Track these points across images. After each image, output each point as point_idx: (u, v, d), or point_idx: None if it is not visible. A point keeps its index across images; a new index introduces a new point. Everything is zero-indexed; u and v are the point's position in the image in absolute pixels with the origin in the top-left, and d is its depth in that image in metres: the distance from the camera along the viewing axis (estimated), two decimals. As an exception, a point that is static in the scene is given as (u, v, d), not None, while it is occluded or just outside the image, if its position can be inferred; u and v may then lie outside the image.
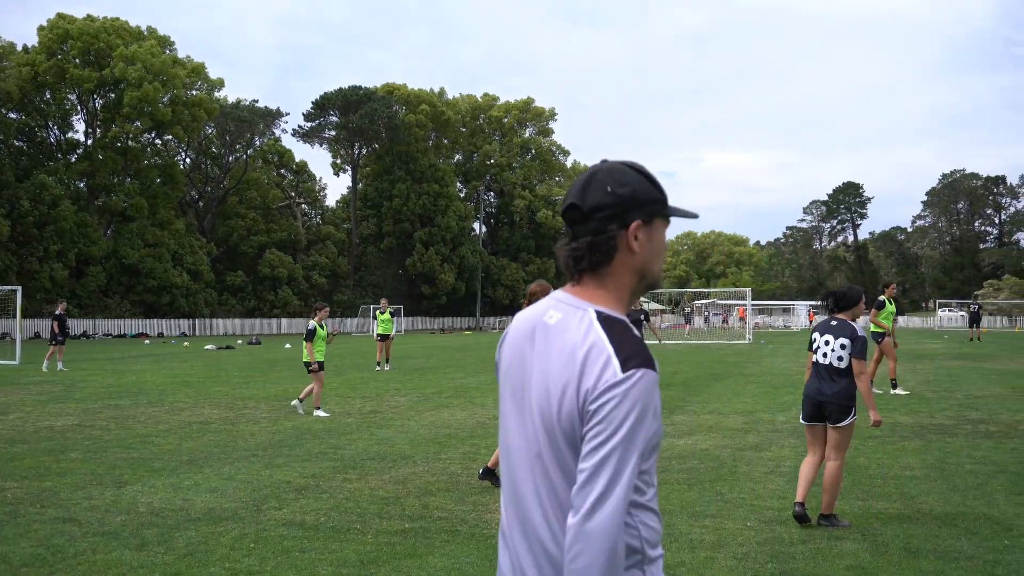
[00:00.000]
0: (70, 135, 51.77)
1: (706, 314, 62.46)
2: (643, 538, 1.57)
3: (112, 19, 49.88)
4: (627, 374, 1.50)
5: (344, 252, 63.93)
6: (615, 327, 1.59)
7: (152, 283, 48.66)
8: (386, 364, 20.36)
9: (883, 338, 13.58)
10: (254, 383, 16.74)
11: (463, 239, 67.34)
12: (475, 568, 4.92)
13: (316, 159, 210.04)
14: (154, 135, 52.80)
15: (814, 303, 61.83)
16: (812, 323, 48.76)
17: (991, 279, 76.14)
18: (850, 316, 6.07)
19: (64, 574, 4.81)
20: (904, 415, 11.16)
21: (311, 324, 12.02)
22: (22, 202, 43.02)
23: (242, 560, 5.07)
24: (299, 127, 63.12)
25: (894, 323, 13.86)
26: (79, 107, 50.86)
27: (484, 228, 74.93)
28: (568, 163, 76.24)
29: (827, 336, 5.97)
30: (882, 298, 13.73)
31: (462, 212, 67.52)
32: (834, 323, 6.03)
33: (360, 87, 61.92)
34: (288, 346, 34.17)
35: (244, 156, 59.63)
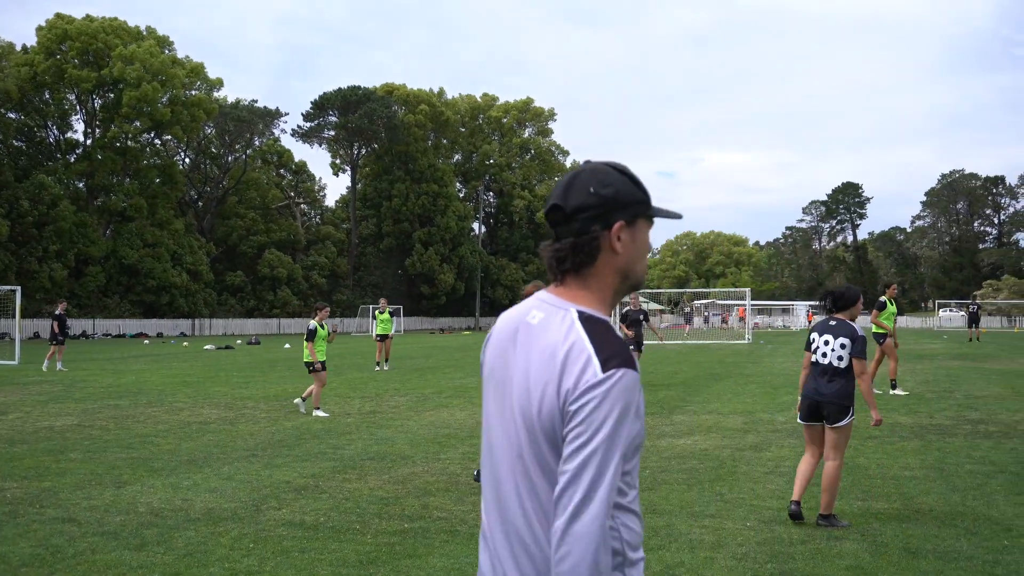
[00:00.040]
0: (69, 135, 51.79)
1: (706, 314, 62.49)
2: (624, 540, 1.55)
3: (111, 19, 49.86)
4: (607, 374, 1.48)
5: (343, 252, 63.97)
6: (596, 327, 1.57)
7: (151, 283, 48.67)
8: (385, 364, 20.37)
9: (885, 339, 13.57)
10: (253, 383, 16.74)
11: (462, 239, 67.40)
12: (474, 568, 4.91)
13: (315, 159, 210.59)
14: (153, 135, 52.78)
15: (813, 303, 61.86)
16: (811, 323, 48.76)
17: (990, 279, 76.20)
18: (848, 316, 6.08)
19: (64, 574, 4.81)
20: (903, 415, 11.17)
21: (312, 324, 12.05)
22: (21, 202, 43.02)
23: (241, 560, 5.07)
24: (298, 127, 63.23)
25: (894, 323, 13.84)
26: (78, 107, 50.86)
27: (483, 228, 75.00)
28: (568, 163, 76.23)
29: (826, 336, 5.98)
30: (883, 299, 13.69)
31: (461, 212, 67.58)
32: (833, 323, 6.04)
33: (359, 87, 61.96)
34: (287, 346, 34.17)
35: (243, 156, 59.64)
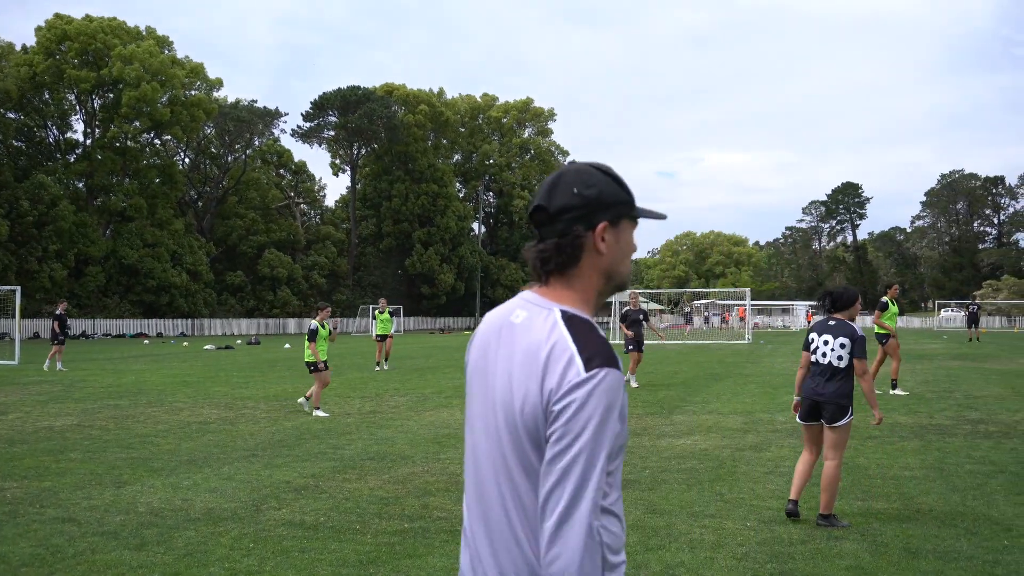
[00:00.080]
0: (69, 135, 51.79)
1: (705, 314, 62.47)
2: (604, 543, 1.49)
3: (110, 19, 49.85)
4: (590, 373, 1.47)
5: (343, 252, 63.98)
6: (579, 326, 1.56)
7: (151, 283, 48.67)
8: (385, 364, 20.37)
9: (888, 339, 13.54)
10: (253, 383, 16.74)
11: (462, 239, 67.41)
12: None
13: (315, 159, 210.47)
14: (153, 135, 52.79)
15: (813, 303, 61.88)
16: (810, 323, 48.78)
17: (990, 279, 76.19)
18: (847, 316, 6.09)
19: (64, 574, 4.81)
20: (903, 415, 11.16)
21: (313, 324, 12.07)
22: (21, 202, 43.02)
23: (241, 560, 5.07)
24: (298, 127, 63.27)
25: (895, 324, 13.83)
26: (77, 107, 50.85)
27: (483, 228, 75.01)
28: (567, 163, 76.17)
29: (826, 336, 5.98)
30: (885, 299, 13.65)
31: (461, 212, 67.59)
32: (832, 323, 6.04)
33: (359, 87, 61.98)
34: (287, 346, 34.16)
35: (243, 156, 59.64)
